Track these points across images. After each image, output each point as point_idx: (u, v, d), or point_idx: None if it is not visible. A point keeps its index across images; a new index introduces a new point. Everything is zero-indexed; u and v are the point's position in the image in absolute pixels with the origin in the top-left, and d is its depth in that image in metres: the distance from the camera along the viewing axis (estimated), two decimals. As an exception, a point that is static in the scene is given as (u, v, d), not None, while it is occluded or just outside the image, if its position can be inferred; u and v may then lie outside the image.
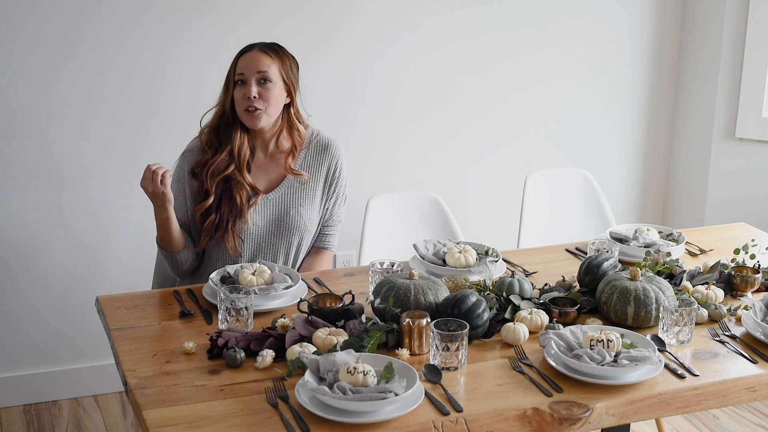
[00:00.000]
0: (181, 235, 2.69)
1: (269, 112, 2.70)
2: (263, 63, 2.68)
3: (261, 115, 2.69)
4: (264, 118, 2.70)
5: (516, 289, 2.41)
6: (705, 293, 2.48)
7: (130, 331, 2.30)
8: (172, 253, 2.70)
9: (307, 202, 2.80)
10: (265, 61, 2.68)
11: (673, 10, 4.26)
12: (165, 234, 2.65)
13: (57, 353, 3.64)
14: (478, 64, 3.98)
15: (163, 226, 2.62)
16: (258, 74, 2.67)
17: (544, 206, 3.49)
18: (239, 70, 2.69)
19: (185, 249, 2.71)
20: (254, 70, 2.67)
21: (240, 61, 2.71)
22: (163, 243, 2.68)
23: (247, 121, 2.70)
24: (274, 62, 2.70)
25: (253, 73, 2.67)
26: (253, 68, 2.67)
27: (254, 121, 2.69)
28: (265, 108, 2.68)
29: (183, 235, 2.71)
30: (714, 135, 4.20)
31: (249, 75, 2.67)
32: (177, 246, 2.69)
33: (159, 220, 2.62)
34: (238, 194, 2.70)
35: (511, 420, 1.95)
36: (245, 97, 2.67)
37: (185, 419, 1.89)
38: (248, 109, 2.68)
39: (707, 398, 2.10)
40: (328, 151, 2.85)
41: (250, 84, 2.67)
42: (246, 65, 2.69)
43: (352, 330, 2.20)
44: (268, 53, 2.70)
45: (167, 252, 2.70)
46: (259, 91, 2.67)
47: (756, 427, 3.59)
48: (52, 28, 3.34)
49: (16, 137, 3.40)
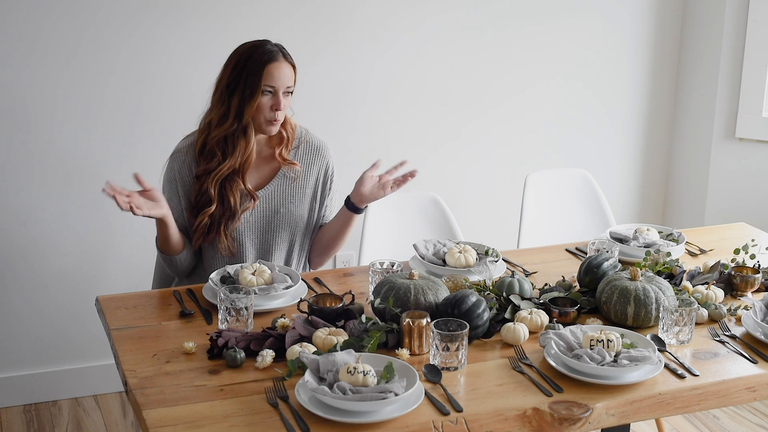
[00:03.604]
0: (180, 238, 2.70)
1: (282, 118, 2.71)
2: (291, 77, 2.68)
3: (278, 124, 2.70)
4: (279, 125, 2.72)
5: (516, 289, 2.41)
6: (705, 293, 2.48)
7: (130, 331, 2.30)
8: (171, 255, 2.71)
9: (297, 199, 2.80)
10: (291, 74, 2.68)
11: (673, 10, 4.26)
12: (163, 237, 2.66)
13: (57, 353, 3.64)
14: (478, 64, 3.98)
15: (161, 231, 2.65)
16: (286, 87, 2.67)
17: (544, 206, 3.49)
18: (269, 81, 2.63)
19: (184, 251, 2.72)
20: (284, 84, 2.65)
21: (268, 71, 2.63)
22: (162, 246, 2.69)
23: (266, 129, 2.69)
24: (295, 74, 2.70)
25: (283, 87, 2.65)
26: (284, 83, 2.65)
27: (274, 128, 2.70)
28: (283, 116, 2.70)
29: (182, 237, 2.71)
30: (714, 135, 4.20)
31: (279, 88, 2.65)
32: (176, 249, 2.70)
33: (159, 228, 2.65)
34: (232, 196, 2.70)
35: (511, 420, 1.95)
36: (273, 110, 2.66)
37: (185, 419, 1.89)
38: (273, 120, 2.67)
39: (707, 398, 2.10)
40: (319, 153, 2.84)
41: (279, 96, 2.65)
42: (277, 78, 2.64)
43: (352, 330, 2.21)
44: (292, 66, 2.69)
45: (166, 255, 2.71)
46: (284, 103, 2.67)
47: (756, 427, 3.59)
48: (52, 27, 3.34)
49: (18, 137, 3.40)
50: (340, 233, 2.85)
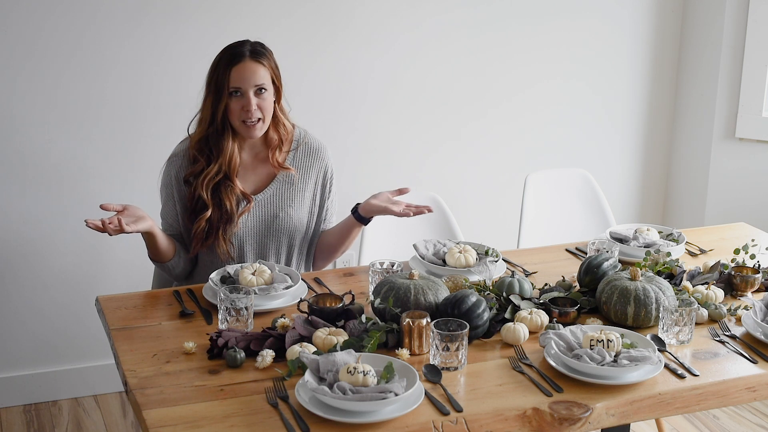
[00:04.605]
0: (169, 244, 2.68)
1: (266, 120, 2.66)
2: (259, 75, 2.61)
3: (260, 126, 2.66)
4: (262, 128, 2.67)
5: (516, 289, 2.41)
6: (705, 293, 2.48)
7: (130, 331, 2.30)
8: (163, 263, 2.71)
9: (296, 203, 2.79)
10: (260, 72, 2.61)
11: (673, 10, 4.26)
12: (152, 247, 2.66)
13: (57, 353, 3.64)
14: (478, 64, 3.98)
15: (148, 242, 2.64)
16: (255, 87, 2.61)
17: (544, 206, 3.49)
18: (235, 83, 2.60)
19: (175, 256, 2.71)
20: (251, 83, 2.60)
21: (233, 73, 2.60)
22: (153, 256, 2.69)
23: (245, 133, 2.65)
24: (266, 70, 2.63)
25: (251, 86, 2.60)
26: (251, 82, 2.60)
27: (254, 132, 2.65)
28: (263, 117, 2.65)
29: (171, 243, 2.69)
30: (714, 135, 4.20)
31: (246, 88, 2.60)
32: (167, 256, 2.69)
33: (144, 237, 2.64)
34: (228, 200, 2.67)
35: (511, 420, 1.95)
36: (244, 110, 2.62)
37: (185, 419, 1.89)
38: (247, 121, 2.63)
39: (707, 398, 2.10)
40: (318, 155, 2.82)
41: (249, 97, 2.60)
42: (242, 79, 2.60)
43: (352, 330, 2.21)
44: (261, 62, 2.62)
45: (158, 263, 2.72)
46: (257, 102, 2.62)
47: (756, 427, 3.59)
48: (51, 28, 3.34)
49: (17, 137, 3.40)
50: (342, 241, 2.84)
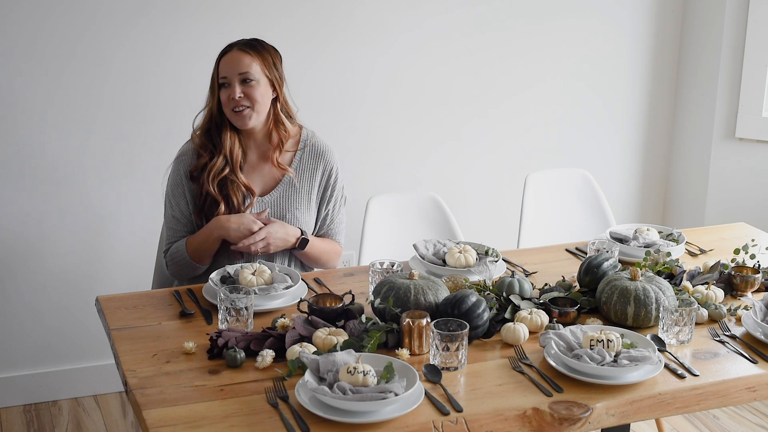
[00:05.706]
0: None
1: (257, 110, 2.69)
2: (244, 63, 2.67)
3: (249, 114, 2.69)
4: (253, 117, 2.70)
5: (516, 289, 2.41)
6: (705, 293, 2.48)
7: (130, 331, 2.30)
8: (200, 264, 2.73)
9: (303, 206, 2.79)
10: (245, 60, 2.67)
11: (673, 10, 4.26)
12: (213, 249, 2.69)
13: (57, 353, 3.64)
14: (478, 64, 3.98)
15: (216, 244, 2.68)
16: (240, 75, 2.66)
17: (544, 206, 3.49)
18: (222, 72, 2.69)
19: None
20: (236, 71, 2.66)
21: (221, 63, 2.70)
22: (200, 256, 2.71)
23: (236, 122, 2.70)
24: (254, 60, 2.68)
25: (235, 75, 2.66)
26: (235, 69, 2.66)
27: (243, 120, 2.69)
28: (252, 106, 2.68)
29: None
30: (714, 135, 4.20)
31: (231, 76, 2.67)
32: (209, 260, 2.73)
33: (212, 245, 2.67)
34: (234, 195, 2.70)
35: (511, 420, 1.95)
36: (230, 99, 2.67)
37: (185, 419, 1.89)
38: (235, 109, 2.68)
39: (707, 398, 2.10)
40: (323, 157, 2.83)
41: (234, 85, 2.66)
42: (227, 67, 2.68)
43: (352, 330, 2.21)
44: (248, 52, 2.68)
45: (196, 263, 2.72)
46: (243, 90, 2.66)
47: (756, 427, 3.59)
48: (51, 28, 3.34)
49: (16, 137, 3.40)
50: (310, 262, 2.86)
